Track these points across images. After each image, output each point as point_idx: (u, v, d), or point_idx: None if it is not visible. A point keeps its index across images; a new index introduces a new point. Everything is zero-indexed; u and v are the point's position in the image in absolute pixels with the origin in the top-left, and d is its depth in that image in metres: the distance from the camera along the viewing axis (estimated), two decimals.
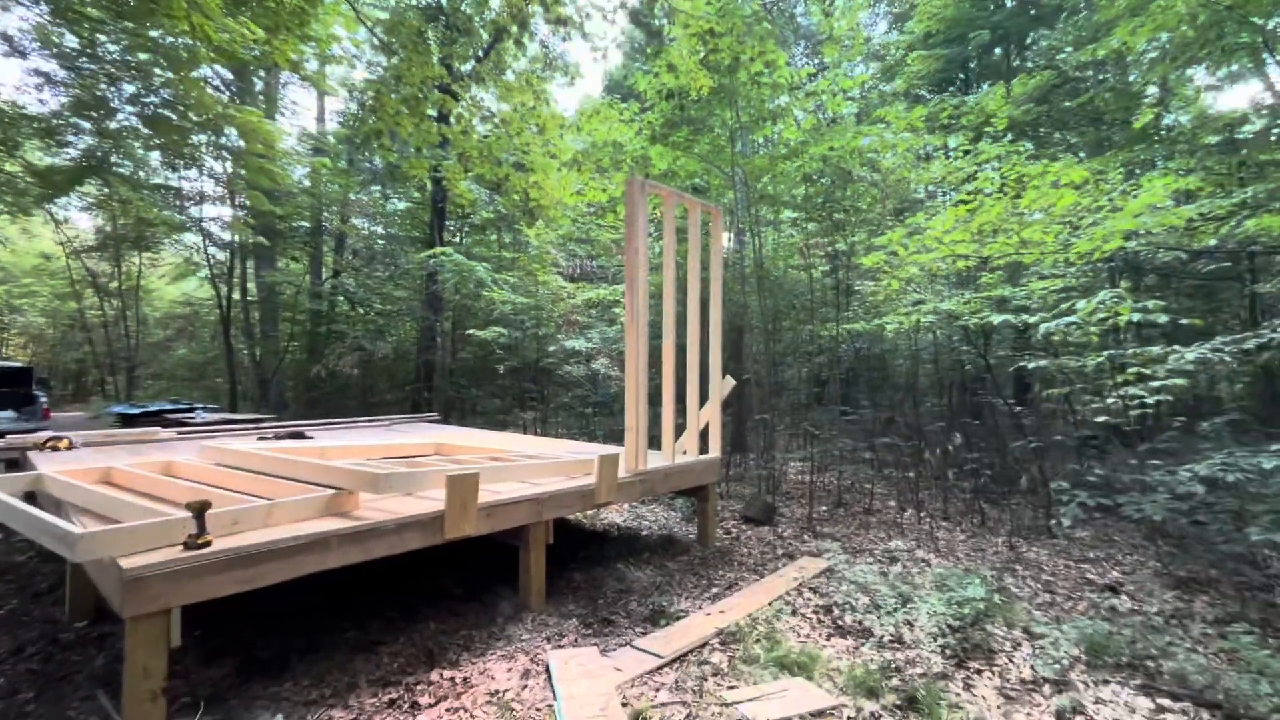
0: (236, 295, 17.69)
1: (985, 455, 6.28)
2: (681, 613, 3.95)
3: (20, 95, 11.53)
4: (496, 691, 2.98)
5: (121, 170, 12.84)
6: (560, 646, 3.49)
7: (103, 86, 10.32)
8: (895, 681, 3.09)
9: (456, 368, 12.34)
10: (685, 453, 5.23)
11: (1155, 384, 3.61)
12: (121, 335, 20.52)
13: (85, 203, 16.15)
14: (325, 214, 15.44)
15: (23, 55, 11.08)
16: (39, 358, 23.66)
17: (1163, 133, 6.76)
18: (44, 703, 2.85)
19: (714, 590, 4.38)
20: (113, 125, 11.67)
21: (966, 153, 5.86)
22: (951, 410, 7.13)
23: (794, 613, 3.94)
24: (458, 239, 15.97)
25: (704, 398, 5.44)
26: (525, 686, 3.03)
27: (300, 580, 2.86)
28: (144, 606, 2.37)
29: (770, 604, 4.06)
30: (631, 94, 9.67)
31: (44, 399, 10.13)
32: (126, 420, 11.88)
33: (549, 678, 3.11)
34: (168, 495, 3.59)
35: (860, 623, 3.78)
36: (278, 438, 5.95)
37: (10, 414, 9.68)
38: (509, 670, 3.22)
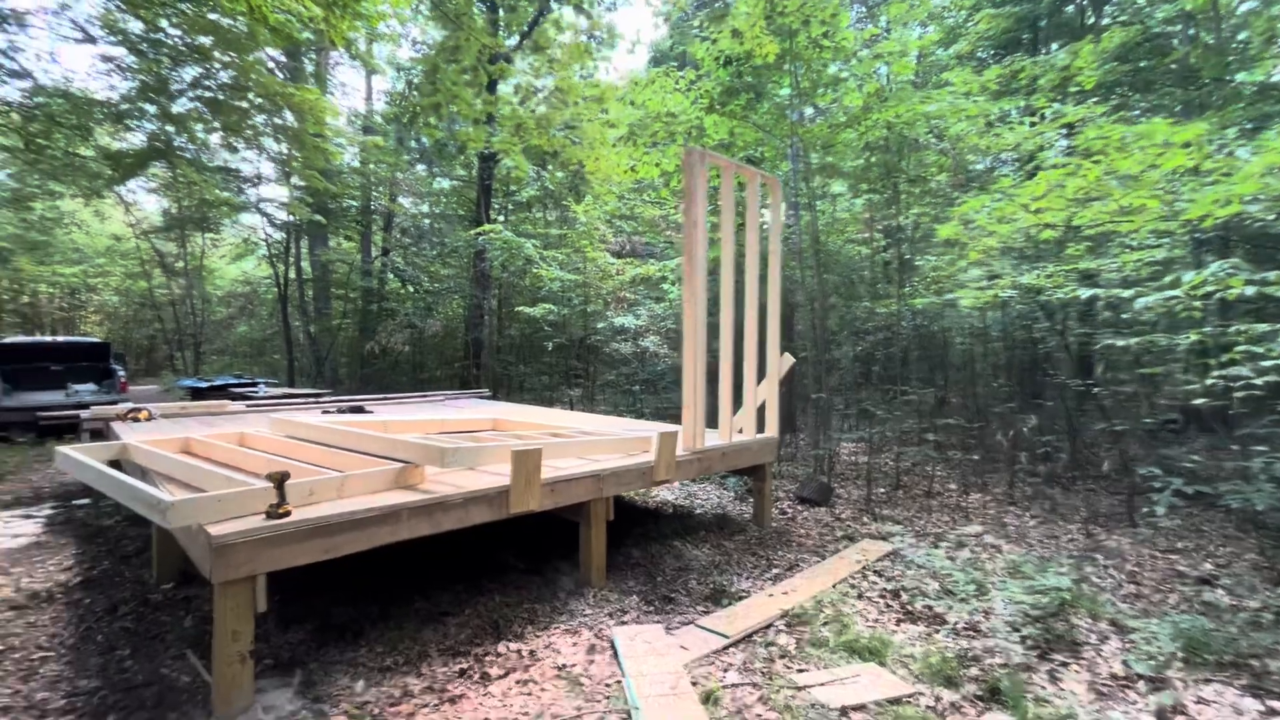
0: (292, 274, 18.29)
1: (1056, 438, 5.97)
2: (743, 593, 3.90)
3: (90, 80, 12.03)
4: (563, 666, 2.98)
5: (185, 154, 13.31)
6: (623, 623, 3.48)
7: (165, 70, 10.63)
8: (974, 671, 2.96)
9: (504, 345, 12.47)
10: (740, 431, 5.13)
11: (1267, 363, 3.31)
12: (188, 313, 21.54)
13: (152, 185, 16.86)
14: (374, 193, 15.72)
15: (92, 41, 11.50)
16: (114, 334, 25.03)
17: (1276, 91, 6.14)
18: (139, 659, 2.99)
19: (774, 571, 4.30)
20: (175, 109, 12.07)
21: (1042, 118, 5.45)
22: (1019, 391, 6.78)
23: (860, 596, 3.83)
24: (502, 217, 16.06)
25: (760, 375, 5.31)
26: (592, 662, 3.03)
27: (369, 550, 2.91)
28: (232, 572, 2.44)
29: (834, 586, 3.96)
30: (681, 65, 9.40)
31: (121, 373, 10.68)
32: (196, 394, 12.51)
33: (615, 654, 3.10)
34: (244, 465, 3.71)
35: (931, 608, 3.65)
36: (340, 411, 6.11)
37: (92, 387, 10.26)
38: (574, 645, 3.23)
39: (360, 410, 6.20)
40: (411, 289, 15.02)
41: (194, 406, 6.60)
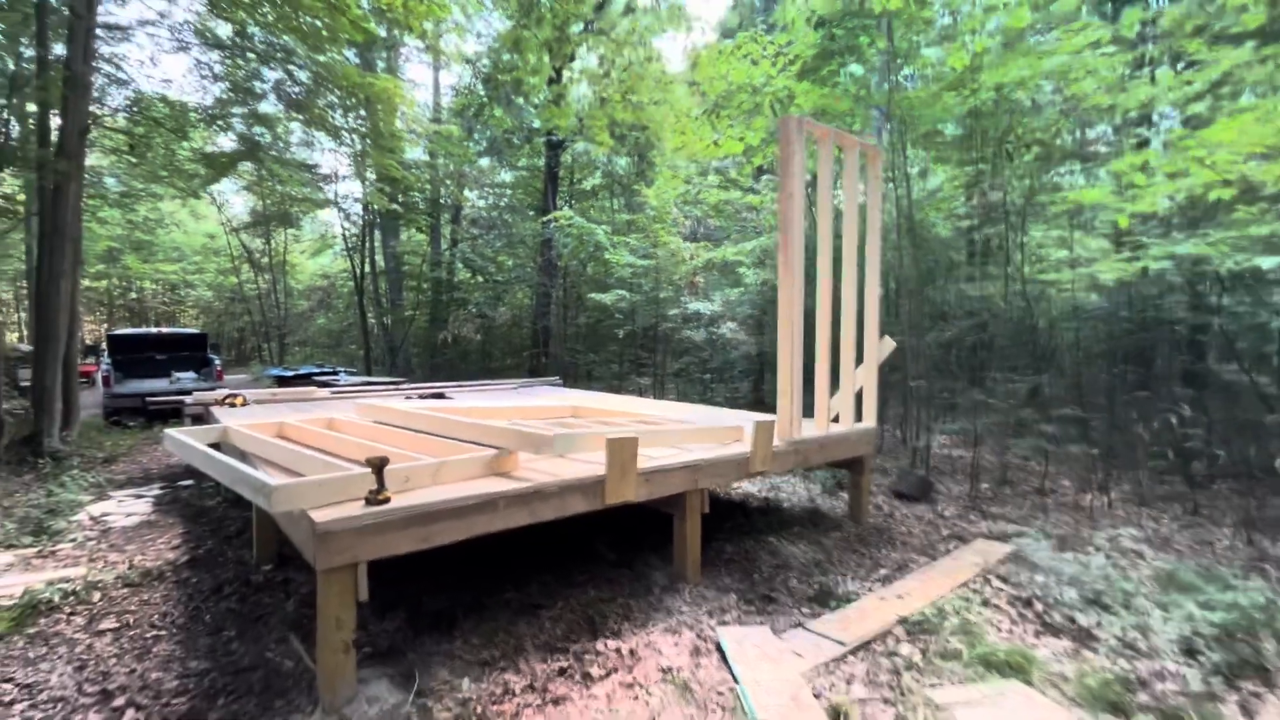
0: (368, 267, 18.95)
1: (1204, 432, 5.28)
2: (851, 594, 3.59)
3: (184, 83, 12.69)
4: (669, 669, 2.78)
5: (271, 152, 13.91)
6: (724, 623, 3.25)
7: (252, 68, 11.05)
8: (1144, 698, 2.56)
9: (571, 333, 12.44)
10: (836, 420, 4.78)
11: None
12: (273, 306, 22.75)
13: (240, 184, 17.81)
14: (443, 187, 16.01)
15: (186, 48, 12.13)
16: (208, 327, 26.83)
17: None
18: (245, 641, 3.00)
19: (881, 571, 3.96)
20: (262, 109, 12.60)
21: (1188, 66, 4.77)
22: (1148, 378, 6.07)
23: (985, 603, 3.45)
24: (567, 206, 16.05)
25: (858, 360, 4.93)
26: (698, 665, 2.82)
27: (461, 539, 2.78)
28: (335, 559, 2.35)
29: (954, 591, 3.59)
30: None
31: (218, 361, 11.29)
32: (282, 381, 13.12)
33: (722, 657, 2.87)
34: (336, 450, 3.69)
35: (1074, 621, 3.23)
36: (421, 397, 6.13)
37: (192, 374, 10.91)
38: (675, 645, 3.02)
39: (441, 396, 6.22)
40: (480, 279, 15.24)
41: (283, 393, 6.81)
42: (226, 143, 13.74)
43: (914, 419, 6.62)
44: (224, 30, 11.37)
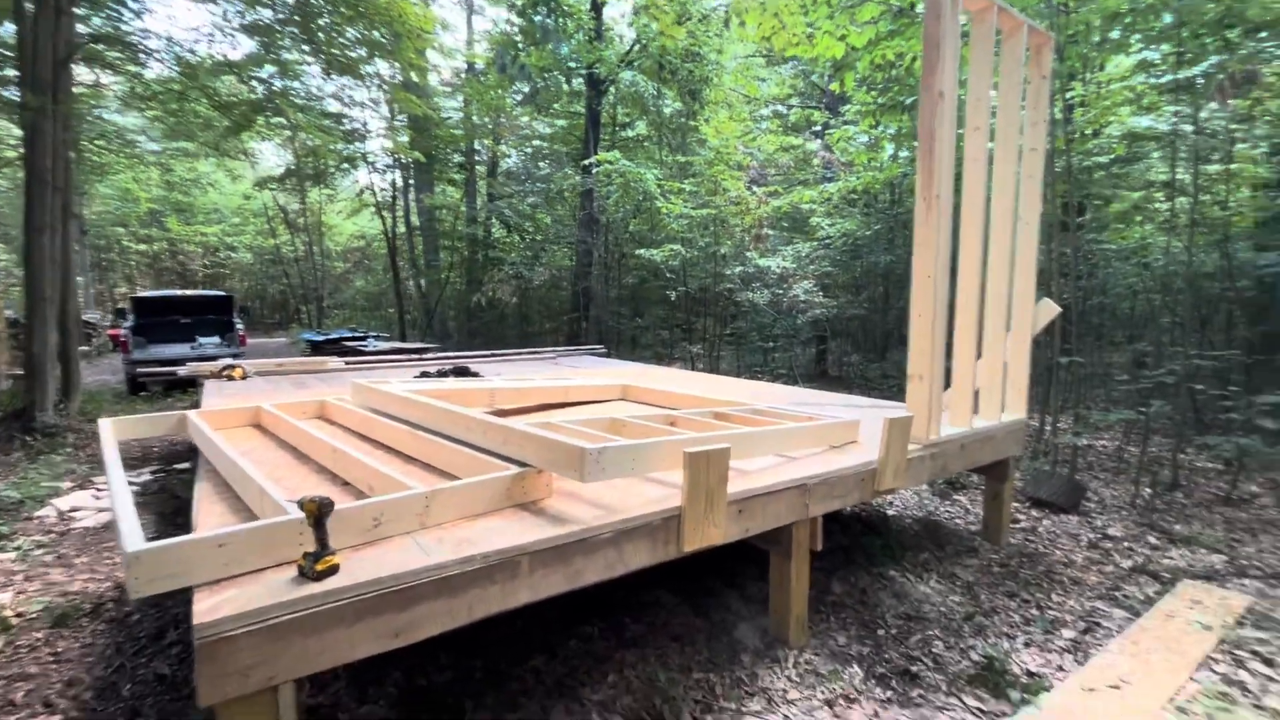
0: (401, 228, 18.14)
1: None
2: (1035, 678, 2.45)
3: (207, 35, 11.77)
4: None
5: (295, 98, 12.98)
6: None
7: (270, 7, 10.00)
8: None
9: (615, 295, 11.31)
10: (977, 412, 3.56)
11: None
12: (311, 269, 22.34)
13: (272, 141, 17.07)
14: (478, 135, 14.87)
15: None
16: (251, 290, 26.80)
17: None
18: None
19: (1064, 633, 2.80)
20: (284, 56, 11.60)
21: None
22: None
23: (1257, 706, 2.26)
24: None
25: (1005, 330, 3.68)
26: None
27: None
28: (233, 684, 1.35)
29: (1192, 677, 2.42)
30: None
31: (241, 326, 10.65)
32: (314, 346, 12.51)
33: None
34: (311, 451, 2.72)
35: None
36: (441, 374, 5.17)
37: (215, 339, 10.29)
38: None
39: (465, 373, 5.23)
40: (518, 238, 14.17)
41: (291, 364, 5.96)
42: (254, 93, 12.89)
43: (1055, 404, 5.30)
44: None
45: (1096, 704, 2.26)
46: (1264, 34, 4.28)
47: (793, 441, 2.75)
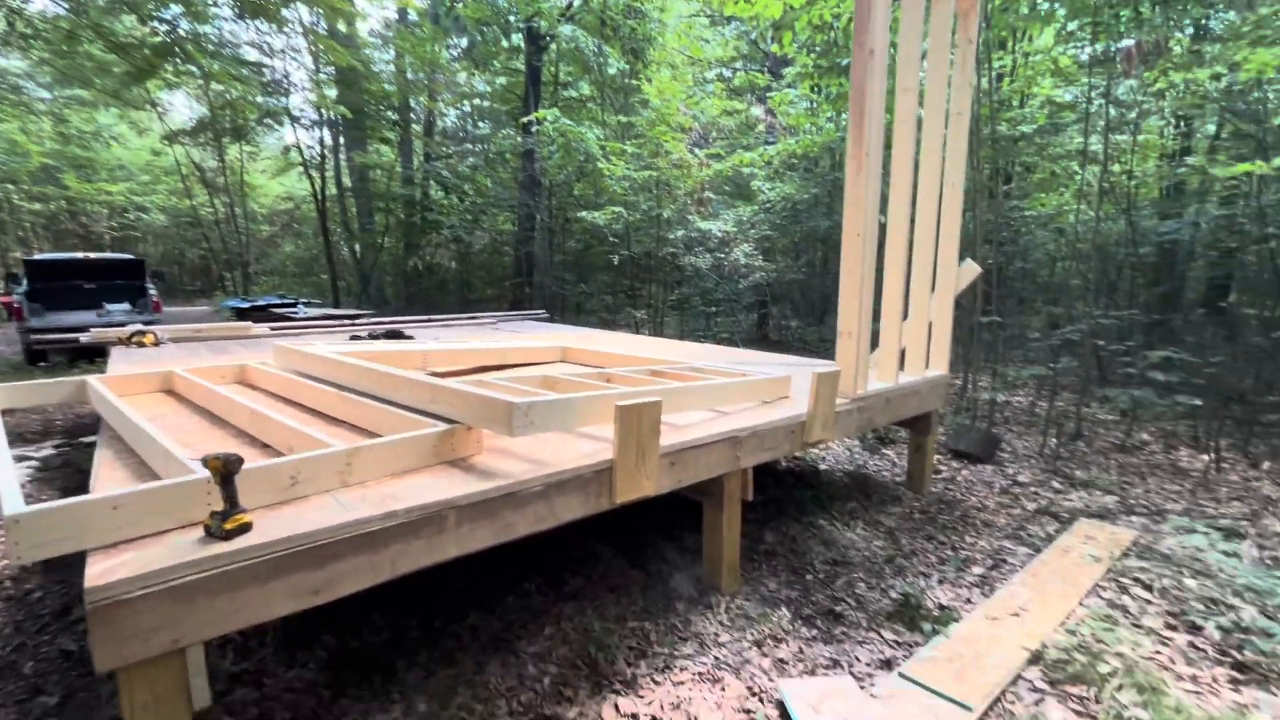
0: (332, 189, 17.17)
1: None
2: (944, 608, 2.64)
3: None
4: None
5: (207, 45, 11.95)
6: (782, 663, 2.29)
7: None
8: None
9: (559, 261, 11.13)
10: (902, 368, 3.72)
11: None
12: (233, 232, 20.91)
13: (184, 91, 15.71)
14: (412, 91, 14.11)
15: None
16: (167, 255, 24.90)
17: None
18: (70, 714, 1.98)
19: (974, 570, 3.01)
20: None
21: None
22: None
23: (1137, 627, 2.51)
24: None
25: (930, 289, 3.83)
26: None
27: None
28: (133, 649, 1.29)
29: (1083, 603, 2.66)
30: None
31: (154, 292, 9.92)
32: (239, 314, 11.80)
33: None
34: (229, 416, 2.59)
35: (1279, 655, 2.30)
36: (372, 337, 4.98)
37: (125, 306, 9.56)
38: (717, 703, 2.07)
39: (398, 336, 5.07)
40: (456, 200, 13.66)
41: (209, 329, 5.61)
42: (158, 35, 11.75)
43: (976, 362, 5.60)
44: None
45: (999, 630, 2.45)
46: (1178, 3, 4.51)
47: (725, 396, 2.81)
